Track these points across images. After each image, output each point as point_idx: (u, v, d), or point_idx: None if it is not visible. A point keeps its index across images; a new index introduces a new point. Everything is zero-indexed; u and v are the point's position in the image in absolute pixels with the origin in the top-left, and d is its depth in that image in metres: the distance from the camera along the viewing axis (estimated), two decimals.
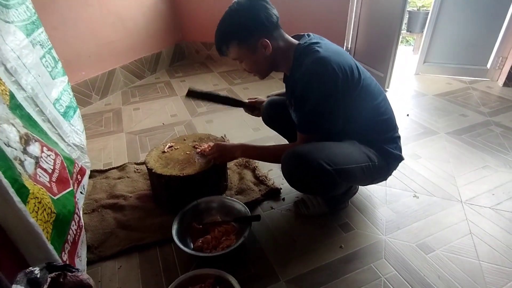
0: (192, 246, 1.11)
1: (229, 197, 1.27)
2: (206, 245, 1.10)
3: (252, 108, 1.43)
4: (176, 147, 1.39)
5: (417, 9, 3.47)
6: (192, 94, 1.34)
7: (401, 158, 1.16)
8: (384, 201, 1.36)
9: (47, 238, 0.78)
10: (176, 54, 3.36)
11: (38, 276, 0.56)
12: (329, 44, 1.04)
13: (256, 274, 1.06)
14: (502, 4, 2.36)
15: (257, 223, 1.23)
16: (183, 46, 3.44)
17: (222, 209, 1.24)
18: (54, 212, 0.82)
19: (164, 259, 1.13)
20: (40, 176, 0.87)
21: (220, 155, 1.24)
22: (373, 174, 1.11)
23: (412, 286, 1.00)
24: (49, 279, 0.57)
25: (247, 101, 1.43)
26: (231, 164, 1.56)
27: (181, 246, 1.05)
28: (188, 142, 1.43)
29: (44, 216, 0.78)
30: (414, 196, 1.38)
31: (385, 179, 1.25)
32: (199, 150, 1.34)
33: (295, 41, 1.06)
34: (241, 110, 1.45)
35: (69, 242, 0.91)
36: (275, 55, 1.04)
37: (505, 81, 2.46)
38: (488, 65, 2.58)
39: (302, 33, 1.09)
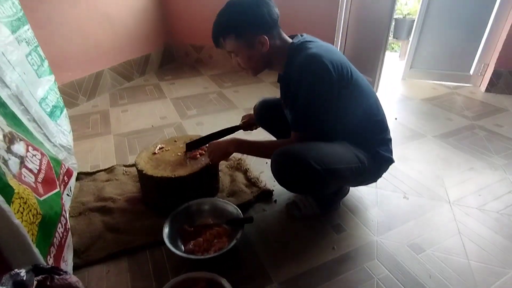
0: (183, 249, 1.09)
1: (221, 199, 1.25)
2: (197, 248, 1.08)
3: (249, 126, 1.43)
4: (166, 149, 1.37)
5: (403, 17, 3.56)
6: (192, 147, 1.34)
7: (391, 161, 1.17)
8: (375, 202, 1.37)
9: (32, 240, 0.74)
10: (166, 56, 3.33)
11: (24, 278, 0.53)
12: (322, 43, 1.05)
13: (249, 276, 1.05)
14: (483, 13, 2.46)
15: (249, 225, 1.22)
16: (173, 49, 3.41)
17: (214, 211, 1.22)
18: (40, 214, 0.78)
19: (155, 263, 1.10)
20: (25, 176, 0.84)
21: (215, 153, 1.21)
22: (362, 175, 1.12)
23: (404, 286, 1.00)
24: (35, 282, 0.54)
25: (241, 123, 1.43)
26: (222, 166, 1.55)
27: (172, 249, 1.02)
28: (179, 144, 1.40)
29: (29, 217, 0.74)
30: (404, 197, 1.40)
31: (375, 181, 1.25)
32: (190, 155, 1.31)
33: (290, 40, 1.06)
34: (235, 114, 1.43)
35: (55, 245, 0.88)
36: (271, 52, 1.03)
37: (487, 87, 2.55)
38: (471, 72, 2.67)
39: (295, 34, 1.10)
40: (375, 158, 1.11)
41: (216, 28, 1.00)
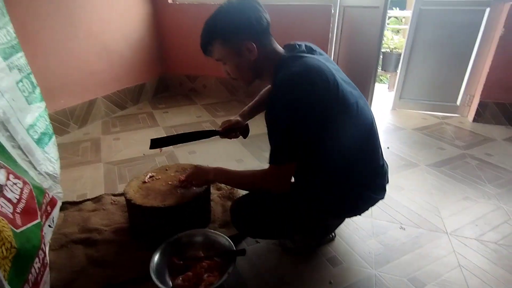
0: (171, 285, 1.02)
1: (212, 231, 1.19)
2: (187, 283, 1.01)
3: (227, 132, 1.33)
4: (157, 177, 1.33)
5: (390, 51, 3.71)
6: (157, 144, 1.26)
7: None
8: (371, 233, 1.33)
9: (4, 277, 0.68)
10: (160, 85, 3.37)
11: None
12: (319, 56, 0.96)
13: None
14: (467, 47, 2.57)
15: (242, 258, 1.16)
16: (167, 78, 3.46)
17: (205, 243, 1.16)
18: (14, 247, 0.73)
19: None
20: (2, 206, 0.79)
21: (194, 176, 1.19)
22: (340, 215, 1.13)
23: None
24: None
25: (219, 128, 1.33)
26: (214, 196, 1.50)
27: (159, 285, 0.95)
28: (170, 172, 1.37)
29: (2, 252, 0.69)
30: (400, 228, 1.36)
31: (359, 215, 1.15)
32: (180, 182, 1.27)
33: (282, 51, 0.99)
34: (227, 143, 1.40)
35: (30, 282, 0.81)
36: (260, 62, 0.96)
37: (474, 116, 2.61)
38: (458, 102, 2.75)
39: (294, 42, 1.01)
40: (364, 200, 1.04)
41: (204, 33, 0.96)
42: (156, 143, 1.26)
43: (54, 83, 2.18)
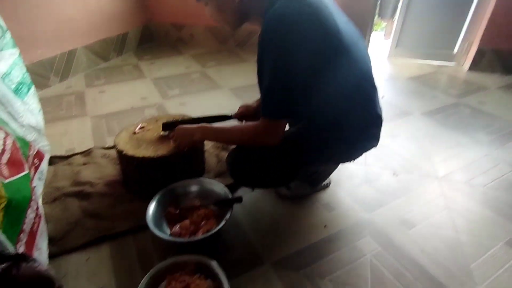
0: (169, 233, 1.03)
1: (207, 179, 1.18)
2: (184, 231, 1.02)
3: (241, 118, 1.27)
4: (148, 128, 1.28)
5: None
6: (169, 126, 1.22)
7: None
8: (365, 180, 1.35)
9: None
10: (144, 35, 3.15)
11: None
12: None
13: (239, 258, 1.00)
14: None
15: (238, 206, 1.17)
16: (152, 27, 3.22)
17: (201, 193, 1.15)
18: (4, 197, 0.70)
19: (138, 248, 1.04)
20: None
21: (180, 139, 1.12)
22: (334, 161, 1.14)
23: (397, 261, 0.99)
24: None
25: (234, 114, 1.26)
26: (208, 147, 1.48)
27: (157, 233, 0.96)
28: (161, 123, 1.32)
29: None
30: (393, 175, 1.38)
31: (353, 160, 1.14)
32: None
33: None
34: (219, 94, 1.32)
35: (26, 232, 0.79)
36: (246, 2, 0.87)
37: (470, 65, 2.56)
38: (455, 50, 2.67)
39: None
40: (357, 147, 1.02)
41: None
42: (168, 126, 1.22)
43: (25, 31, 1.99)
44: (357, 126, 0.96)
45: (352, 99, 0.92)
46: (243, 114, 1.25)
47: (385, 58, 2.87)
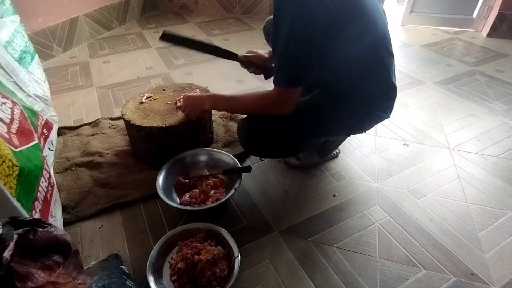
0: (179, 202, 1.04)
1: (216, 149, 1.18)
2: (194, 200, 1.03)
3: (248, 64, 1.21)
4: (155, 98, 1.26)
5: None
6: (168, 37, 1.12)
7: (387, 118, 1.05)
8: (374, 149, 1.33)
9: (11, 194, 0.67)
10: (147, 3, 3.04)
11: (1, 232, 0.47)
12: None
13: (249, 226, 1.02)
14: None
15: (247, 176, 1.17)
16: None
17: (210, 162, 1.16)
18: (16, 165, 0.70)
19: (149, 216, 1.06)
20: None
21: (189, 108, 1.09)
22: (346, 132, 1.10)
23: (405, 229, 1.00)
24: (15, 236, 0.48)
25: (241, 55, 1.19)
26: (215, 116, 1.46)
27: (168, 201, 0.97)
28: (168, 92, 1.30)
29: (4, 169, 0.66)
30: (404, 144, 1.36)
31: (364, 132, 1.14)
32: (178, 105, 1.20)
33: None
34: (228, 62, 1.26)
35: (40, 200, 0.81)
36: None
37: (489, 31, 2.43)
38: (474, 15, 2.53)
39: None
40: (370, 118, 1.00)
41: None
42: (167, 37, 1.11)
43: None
44: (371, 96, 0.94)
45: (366, 65, 0.89)
46: (251, 61, 1.20)
47: (398, 24, 2.74)
